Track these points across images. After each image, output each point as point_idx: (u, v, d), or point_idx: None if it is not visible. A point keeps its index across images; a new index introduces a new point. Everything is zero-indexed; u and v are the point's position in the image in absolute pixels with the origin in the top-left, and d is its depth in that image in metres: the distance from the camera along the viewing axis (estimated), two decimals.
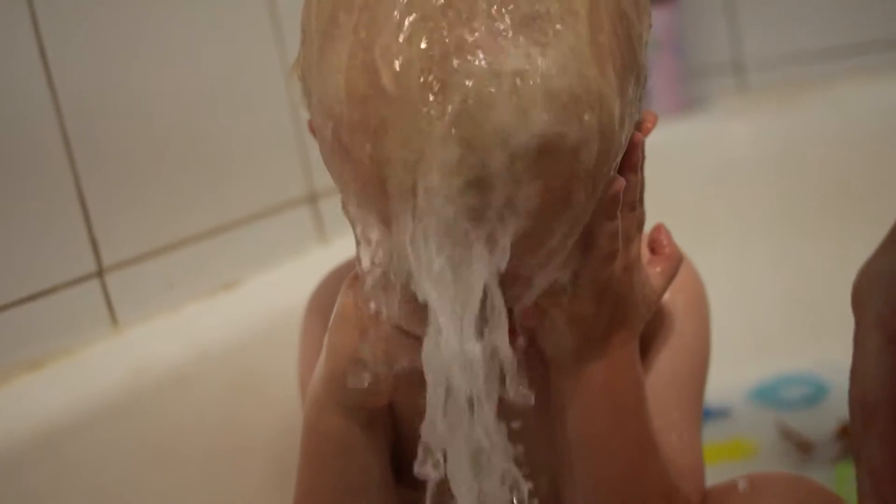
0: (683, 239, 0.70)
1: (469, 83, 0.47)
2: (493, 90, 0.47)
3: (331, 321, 0.63)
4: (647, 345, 0.70)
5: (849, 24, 1.43)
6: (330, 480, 0.66)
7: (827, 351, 0.53)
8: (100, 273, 0.87)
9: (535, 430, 0.69)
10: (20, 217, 0.82)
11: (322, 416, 0.64)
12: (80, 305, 0.86)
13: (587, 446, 0.63)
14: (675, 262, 0.67)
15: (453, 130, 0.47)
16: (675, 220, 0.71)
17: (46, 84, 0.84)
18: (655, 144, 0.65)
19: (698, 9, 1.54)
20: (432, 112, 0.48)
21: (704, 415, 0.74)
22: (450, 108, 0.47)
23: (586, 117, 0.50)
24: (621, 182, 0.56)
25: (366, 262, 0.56)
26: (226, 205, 0.99)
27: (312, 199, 1.09)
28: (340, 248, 0.82)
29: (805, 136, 1.34)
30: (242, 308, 0.96)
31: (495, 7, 0.49)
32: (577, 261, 0.58)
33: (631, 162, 0.58)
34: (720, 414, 1.18)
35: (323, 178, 1.08)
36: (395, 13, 0.49)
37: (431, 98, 0.48)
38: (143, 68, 0.92)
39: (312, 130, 0.66)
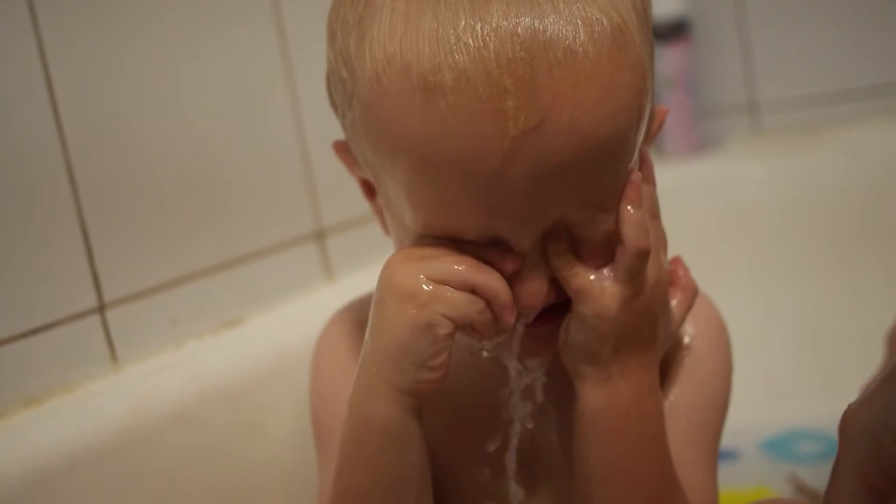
0: (695, 280, 0.69)
1: None
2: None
3: (379, 298, 0.61)
4: (666, 378, 0.70)
5: (864, 66, 1.42)
6: (376, 476, 0.63)
7: (841, 403, 0.52)
8: (101, 309, 0.86)
9: (552, 460, 0.68)
10: (21, 249, 0.80)
11: (372, 404, 0.61)
12: (80, 341, 0.84)
13: (609, 473, 0.63)
14: (692, 293, 0.67)
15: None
16: (687, 261, 0.70)
17: (52, 116, 0.83)
18: (668, 184, 0.66)
19: (713, 48, 1.53)
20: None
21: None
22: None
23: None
24: (638, 174, 0.60)
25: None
26: (231, 241, 0.98)
27: (320, 236, 1.07)
28: (347, 286, 0.81)
29: (820, 179, 1.33)
30: (246, 346, 0.94)
31: None
32: (609, 254, 0.60)
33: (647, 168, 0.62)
34: (729, 457, 1.16)
35: (331, 215, 1.08)
36: None
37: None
38: (150, 102, 0.91)
39: (340, 150, 0.66)
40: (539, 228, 0.59)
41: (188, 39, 0.95)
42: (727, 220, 1.38)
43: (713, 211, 1.39)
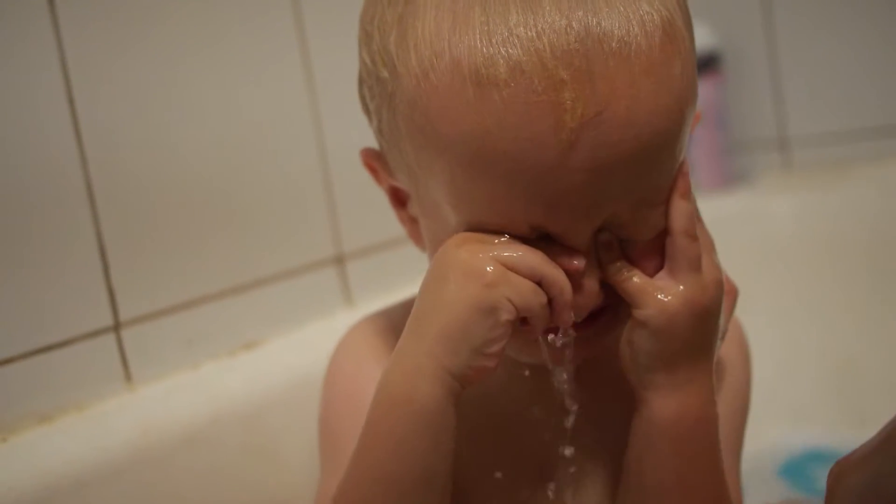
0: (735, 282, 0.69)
1: None
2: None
3: (439, 276, 0.59)
4: None
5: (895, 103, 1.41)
6: (407, 462, 0.59)
7: (867, 433, 0.51)
8: (116, 327, 0.85)
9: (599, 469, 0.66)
10: (38, 265, 0.80)
11: (418, 384, 0.58)
12: (94, 360, 0.84)
13: (672, 485, 0.61)
14: (734, 296, 0.67)
15: None
16: None
17: (73, 131, 0.83)
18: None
19: (744, 83, 1.52)
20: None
21: None
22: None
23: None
24: (687, 164, 0.59)
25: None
26: (251, 262, 0.97)
27: (340, 260, 1.07)
28: (367, 311, 0.80)
29: (850, 216, 1.31)
30: (262, 369, 0.93)
31: None
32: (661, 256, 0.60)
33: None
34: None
35: (351, 241, 1.07)
36: None
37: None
38: (172, 120, 0.91)
39: (369, 157, 0.66)
40: (593, 225, 0.58)
41: (212, 59, 0.95)
42: (756, 255, 1.36)
43: (742, 246, 1.37)
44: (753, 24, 1.49)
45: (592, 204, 0.56)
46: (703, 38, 1.46)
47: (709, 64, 1.45)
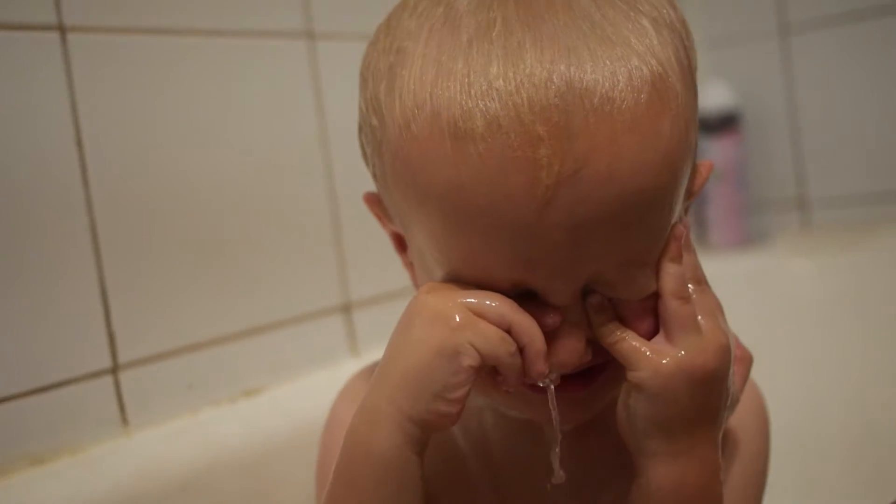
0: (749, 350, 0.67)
1: None
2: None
3: (406, 321, 0.57)
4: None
5: None
6: None
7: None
8: (114, 370, 0.84)
9: None
10: (38, 304, 0.79)
11: (376, 430, 0.57)
12: (91, 402, 0.82)
13: None
14: (748, 363, 0.64)
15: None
16: None
17: (79, 169, 0.83)
18: (713, 277, 0.63)
19: (763, 142, 1.51)
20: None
21: None
22: None
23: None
24: (681, 228, 0.57)
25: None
26: (255, 307, 0.96)
27: (346, 309, 1.05)
28: (373, 361, 0.78)
29: (868, 277, 1.29)
30: (263, 416, 0.92)
31: None
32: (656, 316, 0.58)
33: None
34: None
35: (359, 289, 1.06)
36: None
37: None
38: (181, 158, 0.91)
39: (371, 202, 0.65)
40: (575, 283, 0.56)
41: (224, 99, 0.95)
42: (773, 316, 1.34)
43: (759, 306, 1.35)
44: (774, 82, 1.49)
45: (573, 262, 0.55)
46: (722, 96, 1.45)
47: (728, 122, 1.44)
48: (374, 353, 1.03)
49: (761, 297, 1.36)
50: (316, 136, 1.03)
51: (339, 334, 1.05)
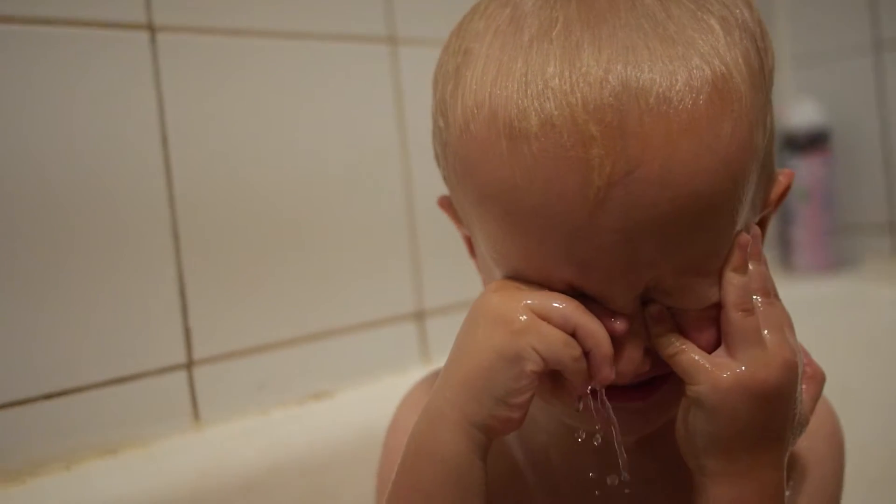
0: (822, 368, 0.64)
1: None
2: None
3: (470, 321, 0.57)
4: (787, 478, 0.62)
5: None
6: None
7: None
8: (189, 365, 0.85)
9: None
10: (117, 296, 0.81)
11: (440, 434, 0.56)
12: (164, 396, 0.84)
13: None
14: (820, 382, 0.61)
15: None
16: None
17: (163, 167, 0.84)
18: (796, 301, 0.61)
19: (854, 163, 1.46)
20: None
21: None
22: None
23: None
24: (747, 237, 0.55)
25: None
26: (329, 311, 0.97)
27: (420, 316, 1.05)
28: (436, 368, 0.78)
29: None
30: (330, 420, 0.92)
31: None
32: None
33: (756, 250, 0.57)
34: None
35: (433, 297, 1.06)
36: None
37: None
38: (261, 163, 0.92)
39: (444, 206, 0.65)
40: (632, 290, 0.55)
41: (307, 105, 0.96)
42: (859, 344, 1.30)
43: (844, 333, 1.31)
44: (866, 101, 1.44)
45: (628, 267, 0.53)
46: (812, 114, 1.42)
47: (816, 141, 1.41)
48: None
49: (846, 323, 1.32)
50: (395, 141, 1.03)
51: (411, 341, 1.04)
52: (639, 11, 0.54)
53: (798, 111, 1.42)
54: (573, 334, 0.54)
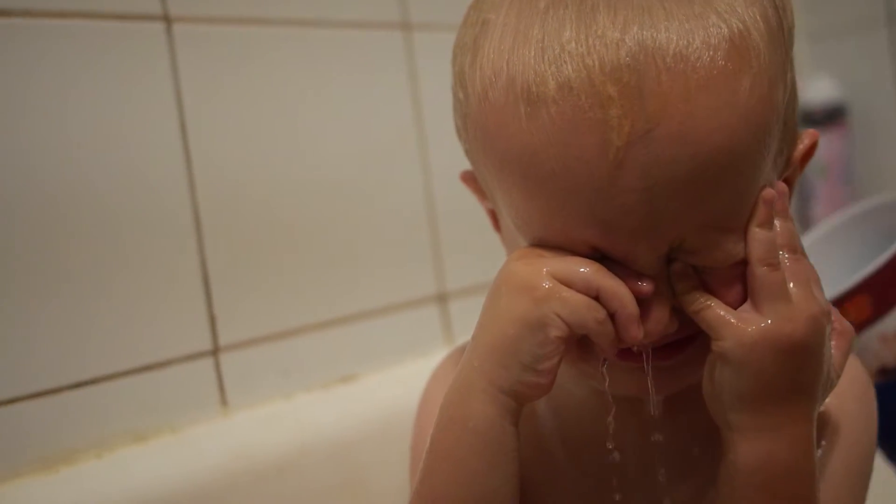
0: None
1: None
2: None
3: (494, 290, 0.57)
4: (817, 437, 0.62)
5: None
6: (465, 483, 0.57)
7: None
8: (215, 352, 0.86)
9: None
10: (142, 285, 0.82)
11: (470, 402, 0.57)
12: (191, 383, 0.84)
13: None
14: (849, 336, 0.60)
15: None
16: None
17: (183, 157, 0.85)
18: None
19: (871, 137, 1.46)
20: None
21: None
22: None
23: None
24: (771, 192, 0.55)
25: None
26: (352, 296, 0.97)
27: (442, 299, 1.06)
28: (464, 342, 0.78)
29: None
30: (357, 403, 0.93)
31: None
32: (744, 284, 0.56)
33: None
34: None
35: (455, 279, 1.06)
36: None
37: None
38: (281, 150, 0.92)
39: (467, 180, 0.66)
40: (656, 250, 0.55)
41: (322, 93, 0.96)
42: None
43: None
44: (883, 75, 1.44)
45: (651, 226, 0.53)
46: (828, 89, 1.41)
47: (833, 116, 1.40)
48: None
49: None
50: (412, 126, 1.04)
51: (434, 324, 1.05)
52: None
53: (814, 86, 1.42)
54: (597, 297, 0.55)
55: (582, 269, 0.55)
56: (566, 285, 0.55)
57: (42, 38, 0.77)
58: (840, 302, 0.80)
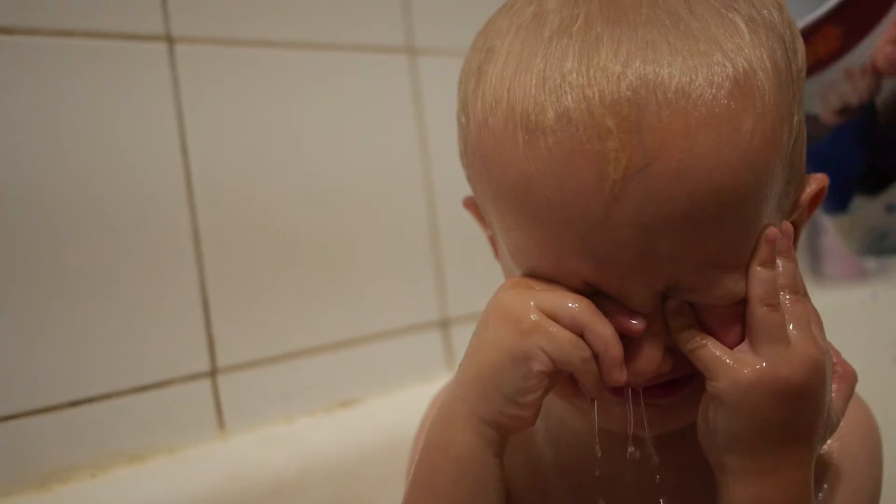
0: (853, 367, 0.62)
1: None
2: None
3: (483, 319, 0.56)
4: (818, 480, 0.60)
5: None
6: None
7: None
8: (213, 373, 0.85)
9: None
10: (141, 306, 0.81)
11: (452, 430, 0.56)
12: (189, 404, 0.84)
13: None
14: (851, 381, 0.59)
15: None
16: None
17: (184, 176, 0.85)
18: (826, 311, 0.60)
19: None
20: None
21: None
22: None
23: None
24: (775, 231, 0.54)
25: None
26: (353, 319, 0.97)
27: (445, 324, 1.05)
28: None
29: None
30: (357, 427, 0.92)
31: None
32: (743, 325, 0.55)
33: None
34: None
35: (458, 305, 1.05)
36: None
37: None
38: (282, 172, 0.92)
39: (469, 206, 0.65)
40: (651, 287, 0.54)
41: (325, 116, 0.96)
42: (890, 352, 1.28)
43: (877, 344, 1.29)
44: None
45: (646, 263, 0.52)
46: None
47: None
48: None
49: (878, 335, 1.30)
50: (416, 150, 1.04)
51: (436, 349, 1.04)
52: (661, 8, 0.53)
53: None
54: (582, 336, 0.54)
55: (570, 305, 0.54)
56: (553, 320, 0.54)
57: (49, 56, 0.78)
58: (808, 33, 0.76)
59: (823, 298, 0.78)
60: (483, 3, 0.61)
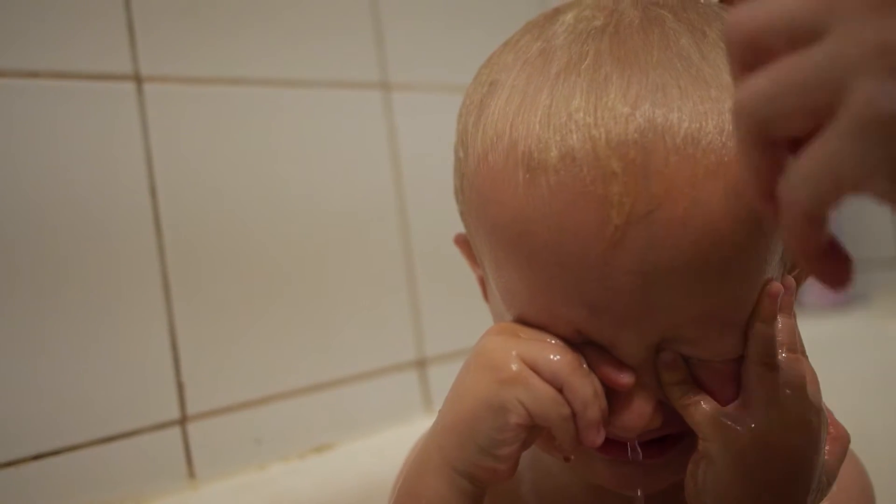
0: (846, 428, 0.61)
1: None
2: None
3: (465, 364, 0.55)
4: None
5: None
6: None
7: None
8: (182, 421, 0.83)
9: None
10: (109, 353, 0.79)
11: (426, 478, 0.54)
12: (158, 453, 0.81)
13: None
14: (844, 442, 0.57)
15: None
16: None
17: (153, 218, 0.83)
18: (805, 340, 0.58)
19: (861, 199, 1.45)
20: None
21: None
22: None
23: None
24: (778, 286, 0.52)
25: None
26: (327, 361, 0.95)
27: (421, 364, 1.03)
28: None
29: None
30: (333, 473, 0.89)
31: None
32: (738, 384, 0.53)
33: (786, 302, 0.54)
34: None
35: (434, 345, 1.03)
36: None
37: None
38: (253, 211, 0.90)
39: (460, 244, 0.64)
40: (646, 338, 0.52)
41: (298, 146, 0.95)
42: (870, 381, 1.28)
43: (856, 372, 1.29)
44: None
45: (643, 313, 0.50)
46: None
47: None
48: None
49: (856, 361, 1.30)
50: (391, 187, 1.02)
51: (413, 390, 1.02)
52: (673, 51, 0.52)
53: None
54: (561, 390, 0.52)
55: (552, 357, 0.52)
56: (535, 371, 0.52)
57: (13, 97, 0.76)
58: None
59: (803, 327, 0.77)
60: (456, 39, 0.60)
